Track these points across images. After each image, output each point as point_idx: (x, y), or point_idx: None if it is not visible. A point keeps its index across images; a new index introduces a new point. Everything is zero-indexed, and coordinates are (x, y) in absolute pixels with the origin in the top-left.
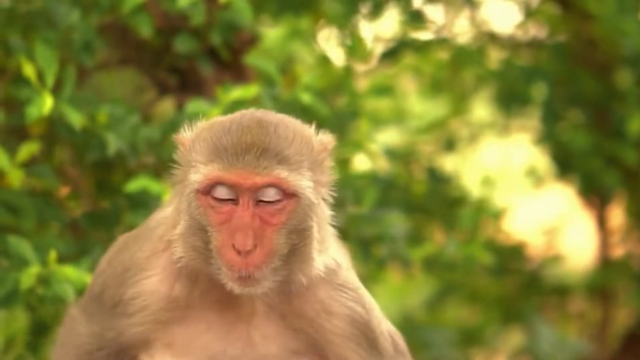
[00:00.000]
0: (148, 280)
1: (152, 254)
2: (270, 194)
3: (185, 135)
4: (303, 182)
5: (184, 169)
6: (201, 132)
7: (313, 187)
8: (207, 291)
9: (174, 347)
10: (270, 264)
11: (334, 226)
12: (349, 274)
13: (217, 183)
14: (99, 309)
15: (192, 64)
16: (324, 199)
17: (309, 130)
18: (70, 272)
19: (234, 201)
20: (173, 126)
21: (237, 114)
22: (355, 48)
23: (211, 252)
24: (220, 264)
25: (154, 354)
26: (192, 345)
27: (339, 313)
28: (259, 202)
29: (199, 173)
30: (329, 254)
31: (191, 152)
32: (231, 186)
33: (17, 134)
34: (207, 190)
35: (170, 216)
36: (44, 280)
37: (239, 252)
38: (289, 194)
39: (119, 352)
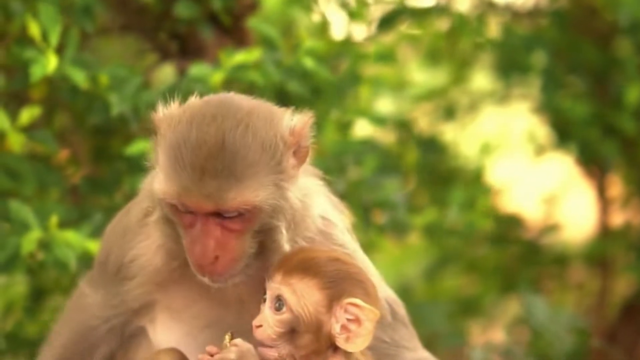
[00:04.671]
0: (142, 243)
1: (142, 218)
2: (229, 213)
3: (160, 113)
4: (260, 197)
5: (154, 154)
6: (167, 129)
7: (275, 190)
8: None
9: (173, 309)
10: (237, 267)
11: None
12: (344, 236)
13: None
14: (104, 276)
15: (193, 29)
16: (294, 177)
17: (277, 119)
18: (71, 236)
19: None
20: (174, 90)
21: (202, 109)
22: (357, 12)
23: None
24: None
25: (156, 317)
26: (189, 310)
27: None
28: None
29: (161, 186)
30: (313, 218)
31: (158, 147)
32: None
33: (17, 98)
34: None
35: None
36: (45, 245)
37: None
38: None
39: (124, 325)
